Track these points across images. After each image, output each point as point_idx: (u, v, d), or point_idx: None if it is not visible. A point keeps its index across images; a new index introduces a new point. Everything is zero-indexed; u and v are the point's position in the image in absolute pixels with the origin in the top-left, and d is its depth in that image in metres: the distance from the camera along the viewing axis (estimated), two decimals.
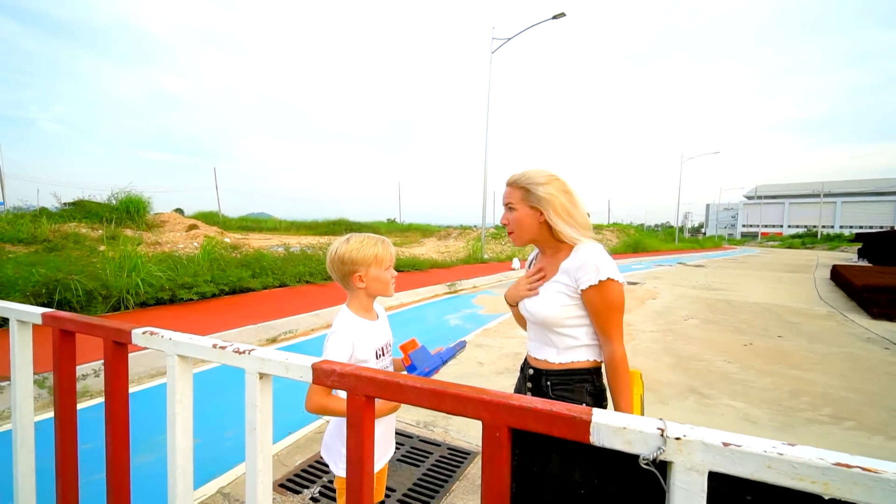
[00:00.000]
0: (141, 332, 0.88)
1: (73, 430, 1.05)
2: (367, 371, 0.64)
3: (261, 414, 0.73)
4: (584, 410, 0.51)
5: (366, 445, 0.66)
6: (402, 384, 0.60)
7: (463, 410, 0.56)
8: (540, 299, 1.37)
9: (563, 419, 0.51)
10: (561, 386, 1.35)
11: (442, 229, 30.39)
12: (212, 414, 3.12)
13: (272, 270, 7.87)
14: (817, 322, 6.99)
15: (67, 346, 1.02)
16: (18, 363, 1.10)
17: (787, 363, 4.71)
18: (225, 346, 0.77)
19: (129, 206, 13.19)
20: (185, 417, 0.84)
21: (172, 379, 0.83)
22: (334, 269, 1.38)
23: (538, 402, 0.53)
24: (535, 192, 1.33)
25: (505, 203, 1.42)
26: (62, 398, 1.02)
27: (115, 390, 0.93)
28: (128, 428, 0.96)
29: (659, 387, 3.90)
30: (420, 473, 2.41)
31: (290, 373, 0.70)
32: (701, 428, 0.47)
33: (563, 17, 14.06)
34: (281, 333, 5.16)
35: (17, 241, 8.89)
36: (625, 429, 0.48)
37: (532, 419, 0.52)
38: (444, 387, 0.57)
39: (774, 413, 3.42)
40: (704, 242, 46.02)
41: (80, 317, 1.00)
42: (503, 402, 0.54)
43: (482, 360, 4.48)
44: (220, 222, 24.56)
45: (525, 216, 1.37)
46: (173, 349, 0.82)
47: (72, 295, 5.18)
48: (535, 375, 1.42)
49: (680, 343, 5.41)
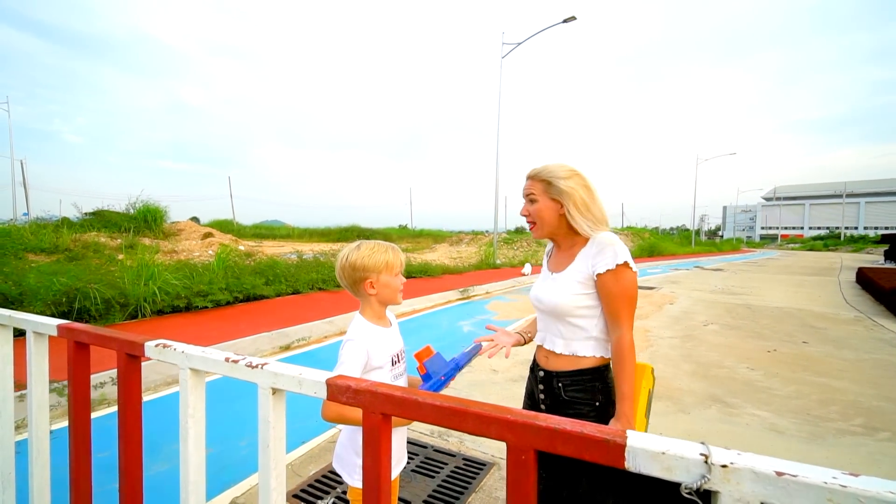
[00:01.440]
0: (154, 344, 0.86)
1: (87, 443, 1.04)
2: (383, 388, 0.61)
3: (274, 430, 0.71)
4: (617, 433, 0.47)
5: (383, 464, 0.62)
6: (420, 402, 0.57)
7: (486, 431, 0.53)
8: (555, 288, 1.39)
9: (595, 442, 0.47)
10: (573, 387, 1.36)
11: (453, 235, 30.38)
12: (226, 422, 3.13)
13: (285, 278, 7.94)
14: (844, 327, 6.75)
15: (82, 357, 1.02)
16: (35, 374, 1.10)
17: (813, 370, 4.54)
18: (238, 360, 0.75)
19: (146, 216, 13.51)
20: (198, 431, 0.82)
21: (185, 392, 0.81)
22: (345, 276, 1.36)
23: (567, 423, 0.49)
24: (557, 185, 1.36)
25: (526, 195, 1.45)
26: (76, 410, 1.01)
27: (129, 402, 0.92)
28: (140, 440, 0.95)
29: (679, 395, 3.79)
30: (435, 485, 2.37)
31: (304, 388, 0.68)
32: (749, 454, 0.43)
33: (573, 20, 14.02)
34: (294, 341, 5.18)
35: (40, 250, 9.14)
36: (664, 454, 0.44)
37: (560, 441, 0.49)
38: (464, 405, 0.54)
39: (802, 423, 3.29)
40: (722, 245, 45.10)
41: (94, 328, 0.99)
42: (529, 423, 0.50)
43: (496, 367, 4.42)
44: (234, 230, 24.97)
45: (546, 208, 1.40)
46: (185, 362, 0.80)
47: (91, 303, 5.28)
48: (545, 377, 1.43)
49: (700, 349, 5.27)
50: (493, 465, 2.54)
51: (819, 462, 2.79)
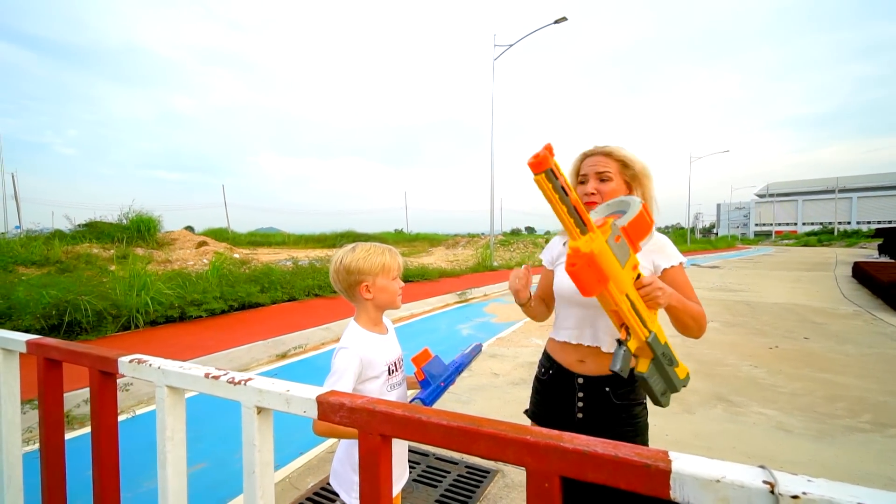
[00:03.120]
0: (128, 360, 0.78)
1: (60, 467, 0.95)
2: (382, 405, 0.54)
3: (260, 454, 0.63)
4: (659, 456, 0.40)
5: (382, 491, 0.55)
6: (424, 421, 0.49)
7: (501, 454, 0.45)
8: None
9: (633, 467, 0.40)
10: (623, 387, 1.25)
11: (450, 238, 30.32)
12: (220, 433, 3.03)
13: (281, 285, 7.83)
14: (844, 322, 6.73)
15: (53, 375, 0.93)
16: (4, 395, 1.02)
17: (816, 366, 4.49)
18: (218, 376, 0.67)
19: (139, 226, 13.33)
20: (178, 456, 0.74)
21: (162, 413, 0.73)
22: (339, 280, 1.28)
23: (598, 444, 0.42)
24: (634, 168, 1.29)
25: (598, 171, 1.29)
26: (48, 433, 0.93)
27: (103, 424, 0.84)
28: (117, 464, 0.86)
29: (683, 394, 3.72)
30: (438, 494, 2.28)
31: (292, 407, 0.60)
32: (822, 481, 0.36)
33: (564, 21, 14.06)
34: (291, 348, 5.07)
35: (31, 263, 8.98)
36: (719, 482, 0.37)
37: (591, 467, 0.41)
38: (476, 425, 0.47)
39: (810, 420, 3.23)
40: (717, 243, 45.30)
41: (65, 343, 0.91)
42: (553, 445, 0.43)
43: (497, 370, 4.34)
44: (229, 238, 24.76)
45: (620, 190, 1.29)
46: (162, 379, 0.72)
47: (82, 315, 5.15)
48: (586, 384, 1.28)
49: (701, 347, 5.21)
50: (497, 473, 2.46)
51: (829, 461, 2.73)
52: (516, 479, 2.41)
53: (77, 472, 1.26)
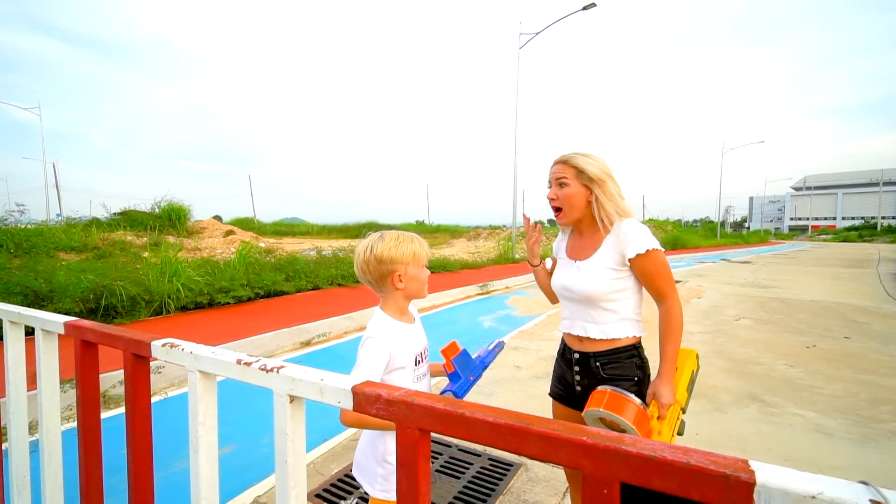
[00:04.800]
0: (161, 344, 0.78)
1: (97, 446, 0.97)
2: (421, 398, 0.50)
3: (292, 443, 0.61)
4: (739, 465, 0.35)
5: (421, 488, 0.52)
6: (468, 417, 0.46)
7: (553, 456, 0.42)
8: (582, 276, 1.42)
9: (709, 477, 0.35)
10: (612, 364, 1.41)
11: (471, 230, 30.16)
12: (249, 417, 3.10)
13: (305, 274, 7.95)
14: (889, 321, 6.36)
15: (89, 356, 0.95)
16: (44, 374, 1.04)
17: (859, 367, 4.26)
18: (250, 363, 0.65)
19: (171, 215, 13.81)
20: (210, 441, 0.73)
21: (194, 397, 0.72)
22: (369, 270, 1.23)
23: (665, 448, 0.38)
24: (588, 171, 1.39)
25: (556, 179, 1.46)
26: (85, 412, 0.94)
27: (137, 406, 0.84)
28: (150, 445, 0.87)
29: (714, 393, 3.60)
30: (461, 486, 2.27)
31: (326, 397, 0.58)
32: None
33: (593, 7, 13.62)
34: (315, 336, 5.15)
35: (71, 249, 9.40)
36: (814, 498, 0.32)
37: (657, 474, 0.37)
38: (526, 423, 0.43)
39: (851, 424, 3.07)
40: (749, 237, 43.62)
41: (100, 326, 0.92)
42: (613, 448, 0.39)
43: (519, 363, 4.29)
44: (255, 227, 25.37)
45: (577, 193, 1.42)
46: (194, 364, 0.71)
47: (117, 300, 5.36)
48: (581, 359, 1.47)
49: (733, 345, 5.02)
50: (521, 466, 2.43)
51: (874, 467, 2.58)
52: (540, 472, 2.37)
53: (113, 450, 1.29)
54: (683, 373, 1.44)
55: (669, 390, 1.32)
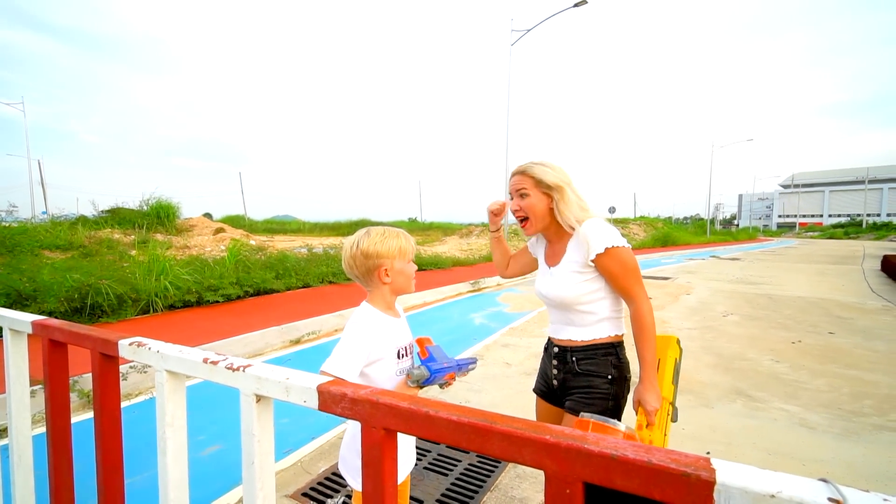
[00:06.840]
0: (128, 343, 0.76)
1: (67, 450, 0.94)
2: (385, 397, 0.49)
3: (259, 444, 0.59)
4: (700, 463, 0.35)
5: (387, 490, 0.51)
6: (432, 416, 0.45)
7: (517, 455, 0.41)
8: (555, 282, 1.45)
9: (669, 476, 0.34)
10: (586, 360, 1.42)
11: (463, 227, 30.16)
12: (230, 415, 3.07)
13: (295, 271, 7.89)
14: (872, 317, 6.47)
15: (58, 356, 0.92)
16: (13, 375, 1.01)
17: (842, 362, 4.33)
18: (217, 361, 0.64)
19: (159, 212, 13.59)
20: (178, 443, 0.71)
21: (161, 398, 0.70)
22: (356, 265, 1.26)
23: (628, 447, 0.37)
24: (546, 180, 1.41)
25: (516, 190, 1.47)
26: (54, 416, 0.92)
27: (105, 407, 0.82)
28: (120, 446, 0.84)
29: (701, 388, 3.63)
30: (448, 483, 2.27)
31: (291, 396, 0.56)
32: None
33: (584, 4, 13.64)
34: (305, 334, 5.12)
35: (56, 247, 9.23)
36: (773, 497, 0.31)
37: (619, 473, 0.36)
38: (490, 421, 0.42)
39: (834, 418, 3.11)
40: (738, 234, 44.12)
41: (69, 325, 0.89)
42: (576, 447, 0.38)
43: (509, 360, 4.30)
44: (245, 225, 25.13)
45: (539, 202, 1.43)
46: (161, 364, 0.69)
47: (103, 299, 5.27)
48: (559, 353, 1.49)
49: (720, 341, 5.08)
50: (509, 463, 2.44)
51: (855, 460, 2.62)
52: (528, 469, 2.38)
53: (89, 454, 1.27)
54: (666, 365, 1.44)
55: (654, 395, 1.31)
